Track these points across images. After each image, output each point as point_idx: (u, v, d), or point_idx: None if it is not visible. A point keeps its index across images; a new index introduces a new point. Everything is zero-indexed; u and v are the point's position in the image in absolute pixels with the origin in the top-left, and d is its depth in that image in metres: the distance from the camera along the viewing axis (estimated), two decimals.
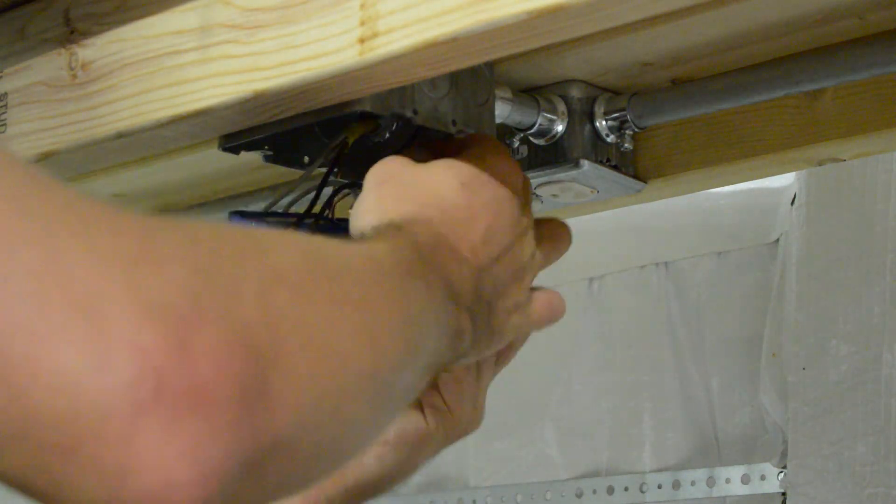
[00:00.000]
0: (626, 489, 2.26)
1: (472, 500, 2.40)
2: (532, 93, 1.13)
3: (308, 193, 1.02)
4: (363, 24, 0.86)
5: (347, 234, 0.98)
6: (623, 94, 1.15)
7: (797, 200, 2.11)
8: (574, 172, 1.13)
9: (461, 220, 0.83)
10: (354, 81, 0.89)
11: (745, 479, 2.14)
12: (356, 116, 0.98)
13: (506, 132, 1.14)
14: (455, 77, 1.00)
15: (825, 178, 2.06)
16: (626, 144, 1.16)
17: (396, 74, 0.89)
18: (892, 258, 1.98)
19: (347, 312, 0.65)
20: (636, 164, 1.18)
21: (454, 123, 1.01)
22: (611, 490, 2.28)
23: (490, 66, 1.04)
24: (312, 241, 0.66)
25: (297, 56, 0.89)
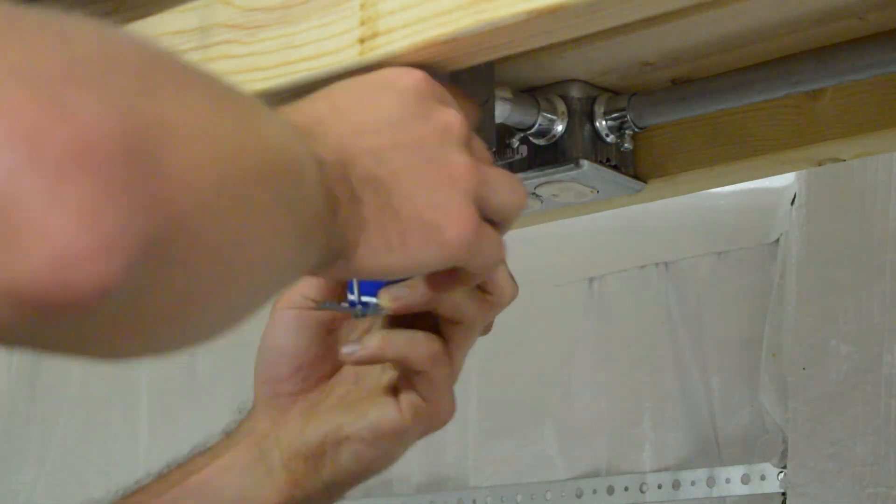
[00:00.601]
0: (626, 489, 2.26)
1: (472, 500, 2.40)
2: (532, 93, 1.13)
3: None
4: (363, 24, 0.86)
5: None
6: (623, 94, 1.15)
7: (797, 200, 2.11)
8: (574, 172, 1.13)
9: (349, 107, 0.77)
10: None
11: (745, 479, 2.14)
12: None
13: (506, 132, 1.14)
14: (455, 77, 1.00)
15: (825, 178, 2.06)
16: (626, 144, 1.16)
17: None
18: (892, 258, 1.98)
19: (227, 103, 0.61)
20: (636, 164, 1.18)
21: None
22: (611, 490, 2.28)
23: (490, 66, 1.04)
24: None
25: (297, 56, 0.89)
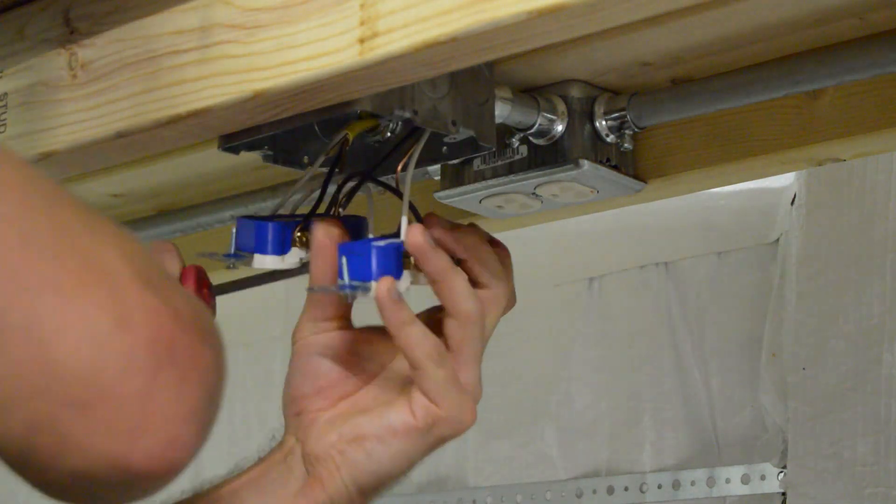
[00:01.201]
0: (626, 489, 2.26)
1: (472, 500, 2.40)
2: (532, 93, 1.13)
3: (313, 193, 1.02)
4: (363, 24, 0.86)
5: (356, 230, 0.98)
6: (623, 94, 1.15)
7: (797, 200, 2.10)
8: (574, 172, 1.13)
9: None
10: (354, 81, 0.89)
11: (745, 479, 2.14)
12: (356, 116, 0.99)
13: (506, 132, 1.14)
14: (455, 77, 1.00)
15: (825, 178, 2.06)
16: (626, 144, 1.16)
17: (396, 74, 0.89)
18: (892, 258, 1.98)
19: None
20: (636, 164, 1.18)
21: (454, 123, 1.01)
22: (611, 490, 2.28)
23: (490, 66, 1.04)
24: None
25: (297, 56, 0.89)
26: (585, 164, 1.13)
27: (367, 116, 0.99)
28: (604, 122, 1.14)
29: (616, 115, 1.14)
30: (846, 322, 2.01)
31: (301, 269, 0.99)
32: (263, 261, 0.98)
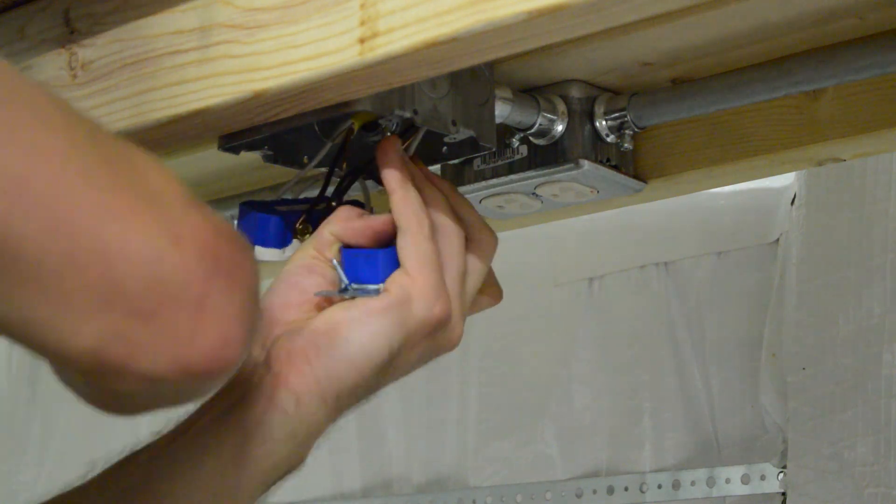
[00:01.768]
0: (626, 489, 2.26)
1: (472, 500, 2.40)
2: (532, 93, 1.13)
3: (317, 180, 1.03)
4: (363, 24, 0.86)
5: None
6: (623, 94, 1.15)
7: (797, 200, 2.10)
8: (574, 172, 1.13)
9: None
10: (354, 81, 0.89)
11: (745, 479, 2.14)
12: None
13: (506, 132, 1.14)
14: (455, 77, 1.01)
15: (825, 178, 2.06)
16: (626, 144, 1.16)
17: (396, 74, 0.89)
18: (892, 258, 1.98)
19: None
20: (636, 164, 1.18)
21: (454, 123, 1.01)
22: (611, 490, 2.28)
23: (490, 66, 1.04)
24: None
25: (297, 56, 0.89)
26: (585, 164, 1.13)
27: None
28: (604, 122, 1.14)
29: (616, 115, 1.14)
30: (846, 322, 2.01)
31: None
32: (264, 253, 0.99)
